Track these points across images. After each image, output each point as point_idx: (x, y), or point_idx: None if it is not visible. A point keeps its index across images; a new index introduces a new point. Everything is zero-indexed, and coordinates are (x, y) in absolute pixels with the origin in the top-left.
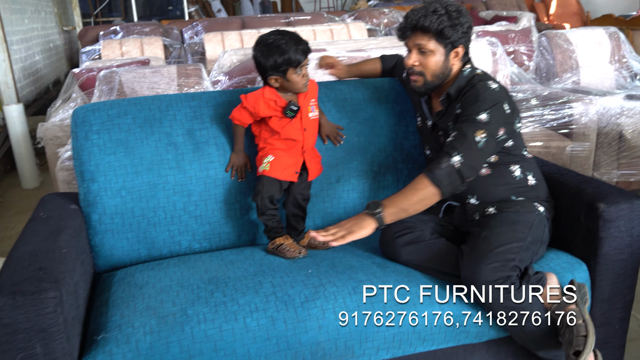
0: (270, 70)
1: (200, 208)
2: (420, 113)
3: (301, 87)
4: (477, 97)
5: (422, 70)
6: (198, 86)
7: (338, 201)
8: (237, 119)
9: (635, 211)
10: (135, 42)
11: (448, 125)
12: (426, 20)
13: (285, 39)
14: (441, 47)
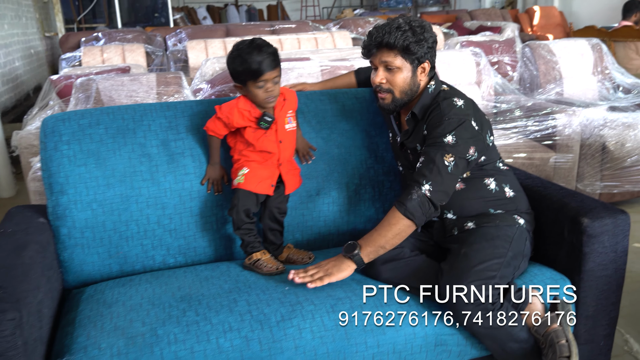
0: (234, 77)
1: (175, 221)
2: (391, 130)
3: (261, 101)
4: (441, 118)
5: (390, 88)
6: (178, 95)
7: (318, 214)
8: (212, 130)
9: (620, 226)
10: (116, 49)
11: (416, 146)
12: (391, 37)
13: (249, 48)
14: (407, 64)
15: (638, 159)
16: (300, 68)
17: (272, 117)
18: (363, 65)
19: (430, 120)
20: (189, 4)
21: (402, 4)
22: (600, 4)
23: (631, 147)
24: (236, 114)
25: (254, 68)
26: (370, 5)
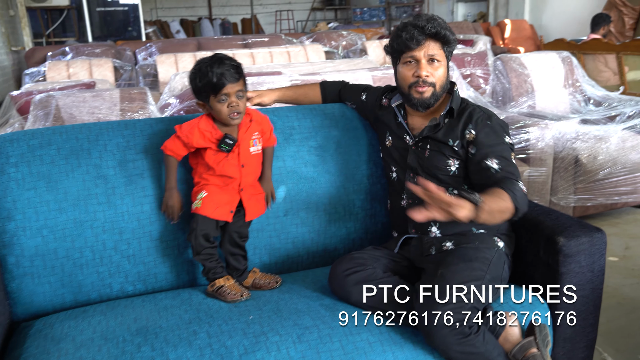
0: (196, 94)
1: (134, 247)
2: (396, 130)
3: (225, 118)
4: (490, 118)
5: (434, 81)
6: (142, 111)
7: (286, 235)
8: (170, 149)
9: (596, 245)
10: (83, 63)
11: (447, 141)
12: (442, 30)
13: (210, 62)
14: (445, 57)
15: (610, 172)
16: (270, 83)
17: (234, 140)
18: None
19: (479, 122)
20: (162, 17)
21: (375, 17)
22: (568, 17)
23: (603, 159)
24: (197, 133)
25: (214, 81)
26: (344, 18)
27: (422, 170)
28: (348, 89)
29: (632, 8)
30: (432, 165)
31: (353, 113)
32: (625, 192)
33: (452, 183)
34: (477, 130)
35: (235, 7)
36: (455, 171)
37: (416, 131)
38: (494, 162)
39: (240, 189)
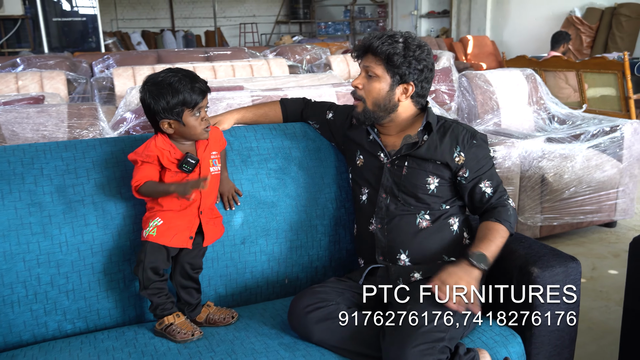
0: (162, 113)
1: (73, 281)
2: (368, 148)
3: (200, 133)
4: (474, 135)
5: (362, 95)
6: (92, 128)
7: (244, 265)
8: (144, 176)
9: (571, 275)
10: (34, 75)
11: (428, 159)
12: (377, 42)
13: (178, 76)
14: (388, 76)
15: (576, 191)
16: (230, 98)
17: (196, 159)
18: (299, 95)
19: (464, 142)
20: (123, 29)
21: (340, 31)
22: (528, 34)
23: (569, 178)
24: (157, 151)
25: (192, 96)
26: (309, 32)
27: (398, 189)
28: (311, 107)
29: (589, 26)
30: (410, 183)
31: (316, 133)
32: (591, 211)
33: (430, 203)
34: (465, 151)
35: (199, 19)
36: (434, 190)
37: (390, 149)
38: (487, 185)
39: (199, 211)
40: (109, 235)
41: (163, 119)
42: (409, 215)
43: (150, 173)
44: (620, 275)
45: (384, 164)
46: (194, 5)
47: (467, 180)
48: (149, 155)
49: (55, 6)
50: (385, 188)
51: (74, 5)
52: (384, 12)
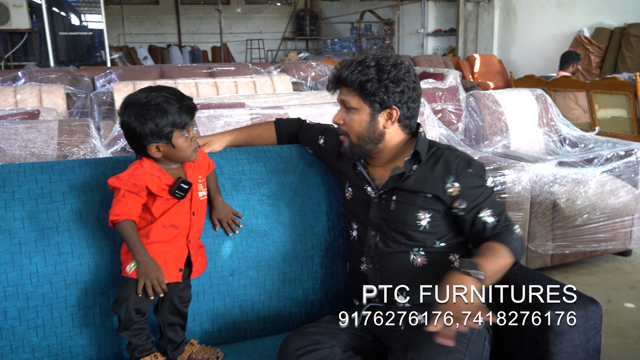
0: (150, 137)
1: (44, 315)
2: (355, 181)
3: (190, 154)
4: (470, 164)
5: (346, 130)
6: (83, 145)
7: (232, 299)
8: (124, 212)
9: (591, 320)
10: (32, 90)
11: (417, 191)
12: (346, 72)
13: (163, 96)
14: (366, 106)
15: (589, 218)
16: (228, 116)
17: (189, 184)
18: (301, 113)
19: (457, 171)
20: (130, 43)
21: (346, 48)
22: (535, 54)
23: (582, 204)
24: (147, 178)
25: (182, 116)
26: (315, 49)
27: (387, 226)
28: (305, 130)
29: (597, 46)
30: (398, 219)
31: (313, 157)
32: (605, 238)
33: (423, 240)
34: (460, 181)
35: (206, 34)
36: (426, 226)
37: (378, 182)
38: (488, 214)
39: (188, 240)
40: (85, 265)
41: (151, 143)
42: (401, 253)
43: (132, 208)
44: (637, 309)
45: (372, 198)
46: (201, 21)
47: (466, 211)
48: (136, 184)
49: (62, 20)
50: (374, 225)
51: (81, 20)
52: (390, 30)
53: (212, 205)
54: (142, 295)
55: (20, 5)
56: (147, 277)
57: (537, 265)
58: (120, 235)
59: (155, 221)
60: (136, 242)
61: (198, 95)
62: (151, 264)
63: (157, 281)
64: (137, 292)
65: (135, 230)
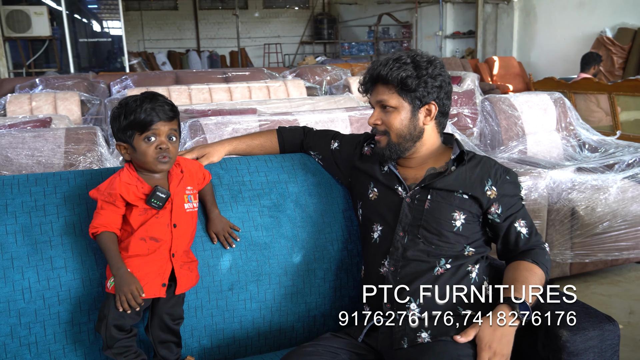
0: (116, 134)
1: (36, 332)
2: (384, 181)
3: (152, 162)
4: (508, 172)
5: (386, 129)
6: (90, 153)
7: (232, 314)
8: (102, 224)
9: (608, 340)
10: (47, 97)
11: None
12: (385, 69)
13: (139, 99)
14: (406, 103)
15: (610, 225)
16: (236, 123)
17: (167, 193)
18: (311, 119)
19: (496, 176)
20: (149, 49)
21: (364, 52)
22: (556, 56)
23: (602, 212)
24: (122, 187)
25: (142, 117)
26: (333, 53)
27: (419, 225)
28: (312, 136)
29: (620, 47)
30: (433, 218)
31: (316, 165)
32: (627, 247)
33: (454, 241)
34: (498, 186)
35: (224, 39)
36: (459, 227)
37: (410, 182)
38: (522, 226)
39: (171, 254)
40: (79, 280)
41: (118, 142)
42: (427, 261)
43: (110, 219)
44: None
45: (403, 198)
46: (219, 26)
47: (502, 218)
48: (112, 194)
49: (83, 27)
50: (404, 225)
51: (102, 27)
52: (408, 33)
53: (208, 218)
54: (122, 311)
55: (41, 12)
56: (122, 291)
57: (555, 275)
58: (100, 247)
59: (134, 233)
60: (112, 255)
61: (212, 100)
62: (126, 277)
63: (132, 295)
64: (117, 306)
65: (113, 243)
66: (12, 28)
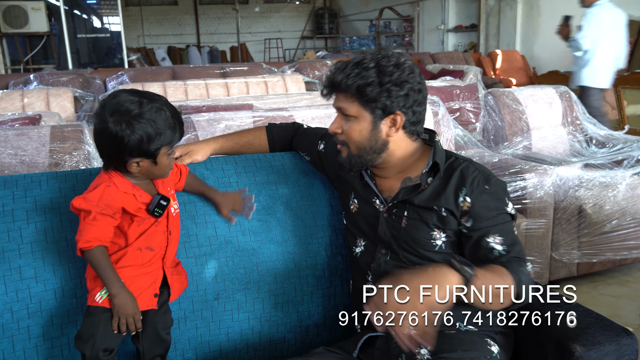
0: (137, 151)
1: (4, 348)
2: (362, 192)
3: (167, 172)
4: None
5: (345, 140)
6: (76, 152)
7: (218, 325)
8: (96, 238)
9: (625, 355)
10: (40, 93)
11: (430, 208)
12: (341, 76)
13: (158, 108)
14: (366, 112)
15: (619, 223)
16: (229, 119)
17: (167, 199)
18: (307, 115)
19: (473, 185)
20: (149, 45)
21: (365, 46)
22: (559, 49)
23: (610, 209)
24: (122, 198)
25: (175, 134)
26: (334, 47)
27: (397, 244)
28: (302, 135)
29: None
30: (411, 238)
31: (308, 165)
32: (636, 246)
33: (438, 260)
34: (474, 197)
35: (224, 34)
36: (441, 245)
37: (387, 194)
38: (497, 241)
39: (164, 262)
40: (50, 292)
41: (134, 158)
42: None
43: (105, 233)
44: None
45: (380, 212)
46: (220, 21)
47: (470, 230)
48: (111, 205)
49: (81, 22)
50: (384, 242)
51: (100, 22)
52: (410, 27)
53: (215, 202)
54: (111, 328)
55: (39, 8)
56: (125, 314)
57: (562, 275)
58: (91, 264)
59: (132, 244)
60: (110, 272)
61: (208, 96)
62: (128, 299)
63: (134, 319)
64: (113, 327)
65: (107, 258)
66: (9, 24)
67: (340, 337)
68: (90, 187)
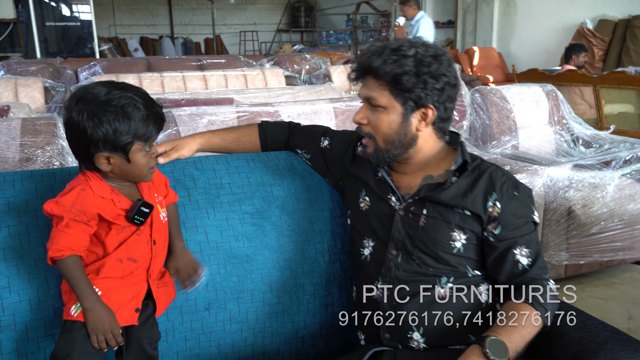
0: (103, 144)
1: None
2: (376, 189)
3: (146, 174)
4: (517, 186)
5: (371, 132)
6: (49, 147)
7: (208, 337)
8: (68, 247)
9: None
10: (7, 83)
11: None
12: (378, 61)
13: (129, 97)
14: (397, 103)
15: (605, 225)
16: (212, 114)
17: (150, 206)
18: (293, 111)
19: (503, 190)
20: (121, 35)
21: (342, 40)
22: (536, 47)
23: (599, 211)
24: (98, 204)
25: (149, 126)
26: (310, 41)
27: (412, 244)
28: (299, 133)
29: (601, 39)
30: (429, 238)
31: (305, 165)
32: (622, 247)
33: (455, 263)
34: (504, 202)
35: (199, 26)
36: (460, 248)
37: (404, 191)
38: (523, 254)
39: (149, 274)
40: (25, 303)
41: (101, 152)
42: (426, 281)
43: (78, 241)
44: None
45: (396, 210)
46: (194, 12)
47: (498, 239)
48: (85, 211)
49: (50, 10)
50: (397, 242)
51: (70, 10)
52: (386, 22)
53: (171, 250)
54: (90, 346)
55: None
56: (101, 330)
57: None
58: (63, 274)
59: (111, 254)
60: (83, 284)
61: (185, 89)
62: (103, 313)
63: (112, 334)
64: (92, 343)
65: (81, 269)
66: None
67: (336, 349)
68: (65, 189)
